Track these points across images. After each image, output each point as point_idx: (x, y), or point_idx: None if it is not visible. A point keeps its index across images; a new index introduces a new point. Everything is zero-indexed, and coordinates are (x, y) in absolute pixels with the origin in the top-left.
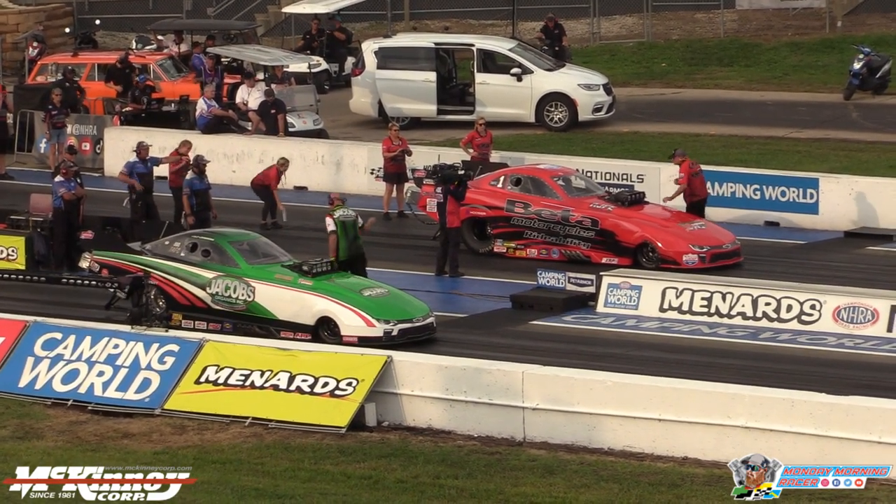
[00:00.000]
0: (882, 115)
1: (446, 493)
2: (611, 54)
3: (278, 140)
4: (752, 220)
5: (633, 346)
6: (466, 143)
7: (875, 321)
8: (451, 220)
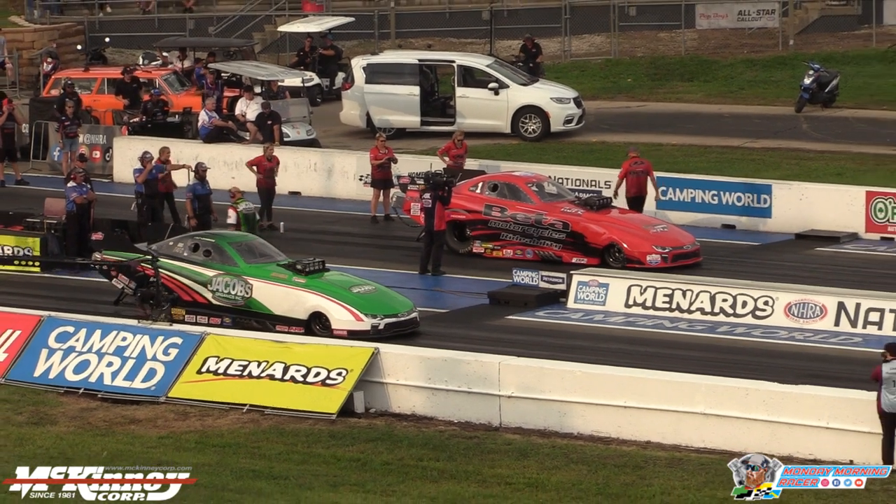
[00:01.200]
0: (830, 127)
1: (429, 474)
2: (581, 70)
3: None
4: (711, 223)
5: (601, 339)
6: (443, 152)
7: (823, 316)
8: (438, 224)
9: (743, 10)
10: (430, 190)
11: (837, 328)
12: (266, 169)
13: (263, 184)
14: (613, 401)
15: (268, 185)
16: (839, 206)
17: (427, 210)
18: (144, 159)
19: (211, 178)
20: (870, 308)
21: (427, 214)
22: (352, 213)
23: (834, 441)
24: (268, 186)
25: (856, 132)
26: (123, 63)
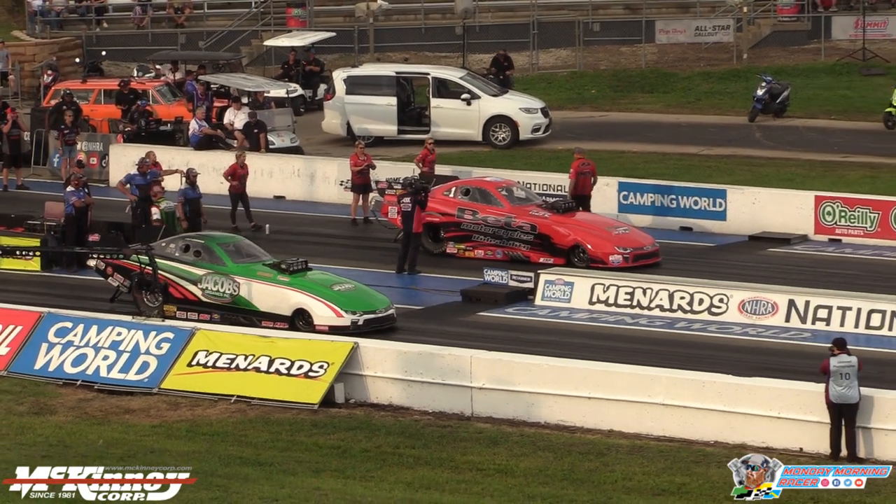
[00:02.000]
0: (781, 136)
1: (405, 460)
2: (547, 82)
3: (260, 155)
4: (669, 225)
5: (566, 335)
6: (420, 160)
7: (775, 313)
8: (416, 227)
9: (700, 25)
10: (410, 195)
11: (788, 324)
12: (240, 175)
13: (237, 189)
14: (578, 392)
15: (240, 190)
16: (789, 210)
17: (406, 213)
18: (143, 164)
19: (201, 183)
20: (818, 305)
21: (406, 218)
22: (333, 216)
23: (785, 430)
24: (240, 191)
25: (805, 140)
26: (119, 75)
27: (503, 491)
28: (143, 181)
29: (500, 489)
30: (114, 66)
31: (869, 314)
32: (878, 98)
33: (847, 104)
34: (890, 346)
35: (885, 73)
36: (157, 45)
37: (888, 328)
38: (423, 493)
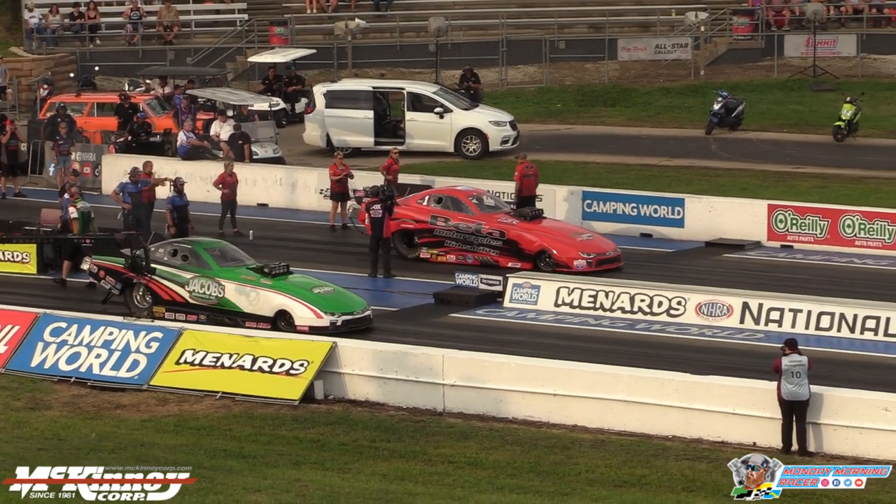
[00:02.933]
0: (736, 148)
1: (380, 453)
2: (516, 97)
3: (244, 165)
4: (630, 232)
5: (533, 335)
6: (385, 168)
7: (730, 314)
8: (387, 231)
9: (659, 44)
10: (380, 202)
11: (742, 325)
12: (229, 183)
13: (228, 197)
14: (544, 389)
15: (231, 198)
16: (744, 218)
17: (376, 220)
18: (136, 174)
19: (188, 191)
20: (771, 308)
21: (376, 224)
22: (313, 222)
23: (740, 425)
24: (231, 199)
25: (759, 152)
26: (112, 89)
27: (473, 482)
28: (135, 189)
29: (471, 481)
30: (106, 80)
31: (819, 316)
32: (828, 112)
33: (798, 118)
34: (839, 346)
35: (835, 88)
36: (147, 61)
37: (837, 329)
38: (398, 484)
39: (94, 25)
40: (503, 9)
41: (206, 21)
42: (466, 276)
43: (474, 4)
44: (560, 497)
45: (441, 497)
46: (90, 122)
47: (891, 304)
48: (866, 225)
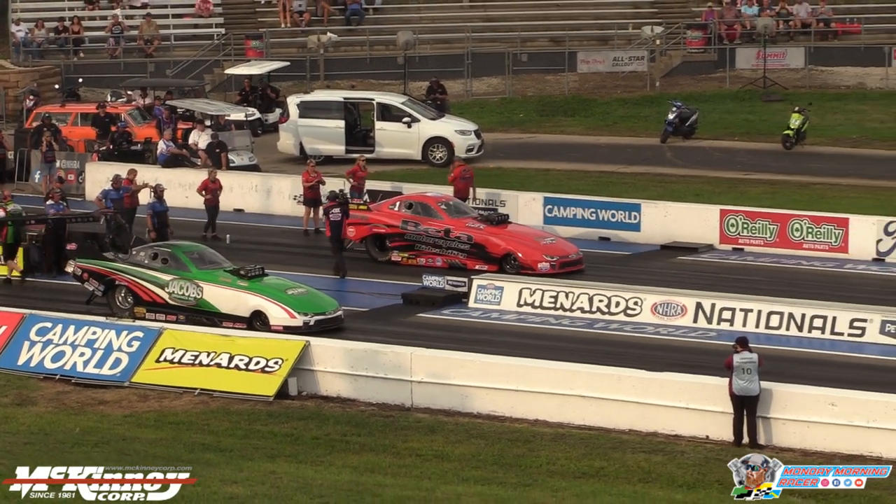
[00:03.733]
0: (690, 155)
1: (351, 447)
2: (480, 107)
3: (221, 172)
4: (590, 236)
5: (497, 334)
6: (350, 174)
7: (684, 314)
8: (346, 233)
9: (617, 56)
10: (338, 206)
11: (696, 324)
12: (211, 190)
13: (211, 202)
14: (507, 385)
15: (213, 203)
16: (697, 222)
17: (335, 223)
18: (117, 181)
19: (168, 197)
20: (723, 307)
21: (335, 226)
22: (287, 227)
23: (693, 419)
24: (213, 204)
25: (712, 160)
26: (95, 100)
27: (440, 474)
28: (117, 196)
29: (437, 472)
30: (90, 91)
31: (768, 315)
32: (777, 121)
33: (749, 127)
34: (787, 344)
35: (784, 99)
36: (128, 73)
37: (786, 328)
38: (368, 476)
39: (77, 39)
40: (468, 23)
41: (184, 35)
42: (433, 277)
43: (441, 19)
44: (522, 488)
45: (409, 488)
46: (74, 132)
47: (837, 303)
48: (813, 229)
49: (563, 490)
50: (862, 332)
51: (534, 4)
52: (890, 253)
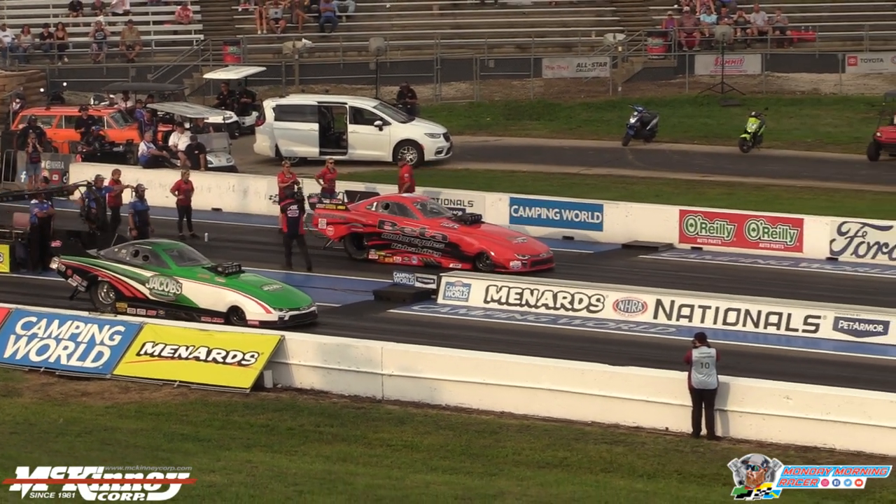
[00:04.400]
0: (651, 158)
1: (324, 437)
2: (449, 111)
3: (200, 173)
4: (554, 235)
5: (465, 329)
6: (320, 176)
7: (644, 311)
8: (301, 229)
9: (580, 62)
10: (295, 203)
11: (656, 321)
12: (184, 190)
13: (183, 203)
14: (474, 378)
15: (185, 203)
16: (657, 222)
17: (293, 219)
18: (99, 181)
19: (148, 196)
20: (682, 304)
21: (292, 223)
22: (263, 225)
23: (653, 412)
24: (185, 204)
25: (671, 162)
26: (78, 103)
27: (409, 464)
28: (99, 195)
29: (407, 462)
30: (73, 95)
31: (726, 312)
32: (735, 125)
33: (707, 131)
34: (744, 339)
35: (741, 104)
36: (111, 78)
37: (742, 325)
38: (340, 465)
39: (62, 45)
40: (437, 30)
41: (165, 41)
42: (403, 275)
43: (411, 26)
44: (489, 477)
45: (380, 477)
46: (59, 134)
47: (792, 301)
48: (769, 229)
49: (527, 479)
50: (816, 328)
51: (500, 12)
52: (843, 252)
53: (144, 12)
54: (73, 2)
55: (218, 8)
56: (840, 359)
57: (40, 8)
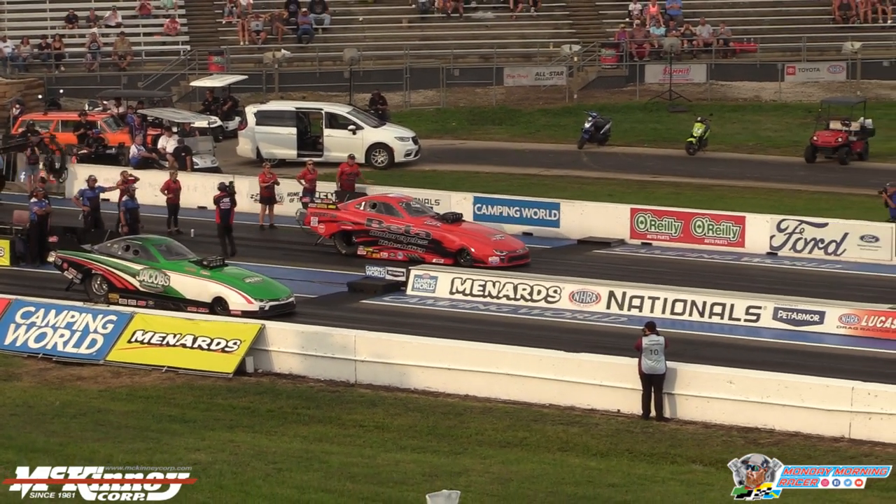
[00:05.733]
0: (604, 160)
1: (302, 418)
2: (417, 116)
3: (186, 174)
4: (514, 231)
5: (432, 318)
6: (301, 177)
7: (598, 301)
8: (232, 219)
9: (539, 71)
10: (227, 196)
11: (609, 310)
12: (173, 189)
13: (172, 201)
14: (441, 364)
15: (174, 202)
16: (610, 219)
17: (225, 211)
18: (92, 181)
19: (139, 195)
20: (633, 295)
21: (224, 214)
22: (245, 222)
23: (606, 395)
24: (174, 202)
25: (623, 164)
26: (75, 109)
27: (380, 443)
28: (93, 194)
29: (378, 441)
30: (69, 101)
31: (674, 303)
32: (682, 130)
33: (657, 135)
34: (690, 328)
35: (687, 110)
36: (104, 85)
37: (689, 314)
38: (317, 444)
39: (59, 54)
40: (407, 42)
41: (154, 51)
42: (375, 268)
43: (382, 38)
44: (454, 456)
45: (353, 455)
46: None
47: (735, 292)
48: (714, 225)
49: (490, 458)
50: (757, 317)
51: (465, 25)
52: (782, 247)
53: (135, 25)
54: (69, 15)
55: (203, 21)
56: (779, 346)
57: (39, 21)
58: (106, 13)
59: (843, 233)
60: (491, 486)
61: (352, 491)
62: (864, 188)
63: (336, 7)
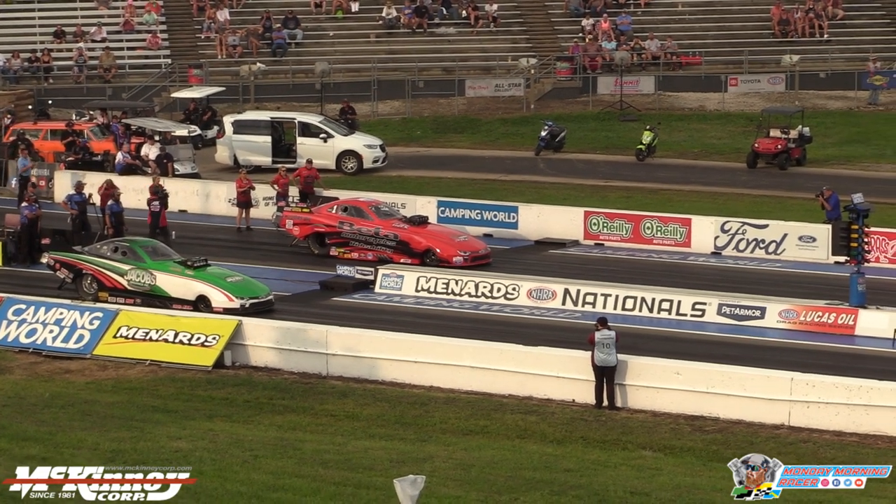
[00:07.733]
0: (559, 166)
1: (277, 408)
2: (385, 125)
3: (168, 179)
4: (475, 233)
5: (398, 314)
6: (274, 182)
7: (554, 298)
8: (162, 222)
9: (498, 83)
10: (158, 199)
11: (564, 307)
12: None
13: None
14: (407, 357)
15: None
16: (565, 221)
17: (155, 213)
18: (79, 185)
19: (123, 200)
20: (587, 293)
21: (155, 216)
22: (223, 225)
23: (562, 386)
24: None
25: (577, 170)
26: (63, 119)
27: (351, 431)
28: (80, 199)
29: (349, 430)
30: (57, 111)
31: (624, 299)
32: (632, 138)
33: (608, 143)
34: (640, 323)
35: (637, 119)
36: (90, 96)
37: (639, 310)
38: (291, 433)
39: (48, 67)
40: (375, 55)
41: (137, 64)
42: (345, 267)
43: (352, 52)
44: (420, 443)
45: (325, 443)
46: (45, 145)
47: (681, 290)
48: (662, 227)
49: (453, 445)
50: (702, 313)
51: (429, 40)
52: (725, 247)
53: (119, 40)
54: (57, 30)
55: (183, 36)
56: (723, 340)
57: (28, 35)
58: (92, 29)
59: (782, 233)
60: (454, 472)
61: (324, 476)
62: (802, 192)
63: (308, 23)
